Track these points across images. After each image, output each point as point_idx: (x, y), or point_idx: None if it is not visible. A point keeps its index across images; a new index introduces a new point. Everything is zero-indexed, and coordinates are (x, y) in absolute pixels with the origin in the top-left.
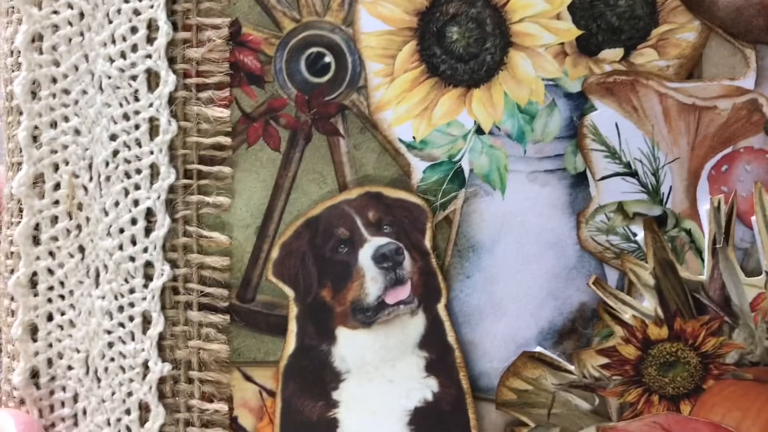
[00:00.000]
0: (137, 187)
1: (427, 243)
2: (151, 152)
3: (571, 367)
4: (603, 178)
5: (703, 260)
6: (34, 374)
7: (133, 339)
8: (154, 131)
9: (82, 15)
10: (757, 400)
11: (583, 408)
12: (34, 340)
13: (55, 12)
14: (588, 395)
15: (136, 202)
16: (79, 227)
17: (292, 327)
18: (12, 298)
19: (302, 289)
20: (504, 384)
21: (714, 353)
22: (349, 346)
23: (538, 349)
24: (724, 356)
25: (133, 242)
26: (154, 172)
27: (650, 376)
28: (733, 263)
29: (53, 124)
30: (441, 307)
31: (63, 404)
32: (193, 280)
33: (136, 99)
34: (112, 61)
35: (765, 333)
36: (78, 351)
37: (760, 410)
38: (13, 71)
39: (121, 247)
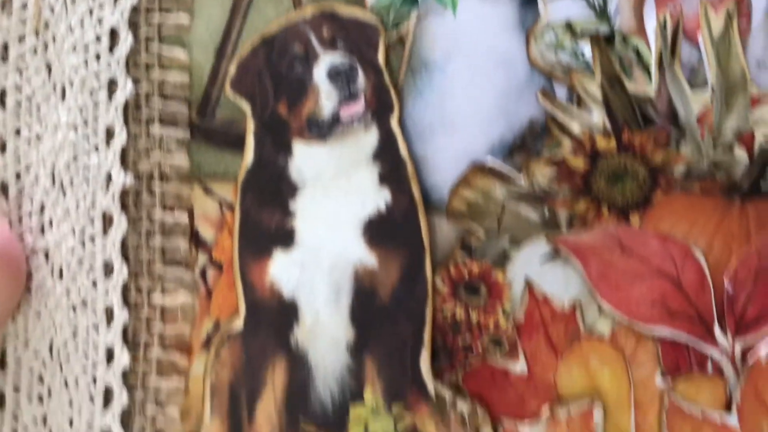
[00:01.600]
0: (101, 6)
1: (380, 60)
2: None
3: (521, 178)
4: None
5: (650, 76)
6: (4, 188)
7: (97, 151)
8: None
9: None
10: (704, 212)
11: (533, 219)
12: (3, 155)
13: None
14: (537, 206)
15: (100, 21)
16: (45, 45)
17: (250, 141)
18: None
19: (259, 105)
20: (455, 194)
21: (662, 166)
22: (306, 158)
23: (489, 159)
24: (672, 169)
25: (98, 59)
26: None
27: (599, 188)
28: (679, 78)
29: None
30: (394, 122)
31: (31, 215)
32: (155, 95)
33: None
34: None
35: (711, 147)
36: (44, 164)
37: (707, 222)
38: None
39: (86, 64)
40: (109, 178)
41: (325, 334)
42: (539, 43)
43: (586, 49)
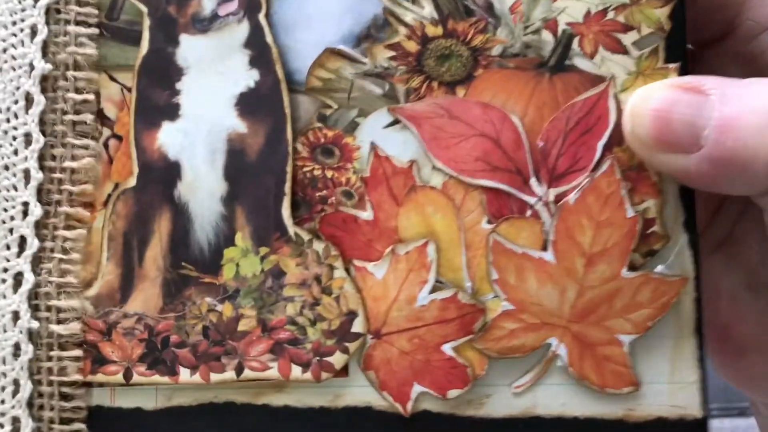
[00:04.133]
0: None
1: None
2: None
3: (366, 60)
4: None
5: None
6: None
7: (23, 45)
8: None
9: None
10: (518, 85)
11: (376, 92)
12: None
13: None
14: (380, 82)
15: None
16: None
17: (146, 36)
18: None
19: (153, 7)
20: (312, 74)
21: (482, 47)
22: (190, 48)
23: (339, 46)
24: (491, 49)
25: None
26: None
27: (430, 67)
28: None
29: None
30: (262, 17)
31: None
32: (72, 3)
33: None
34: None
35: (522, 31)
36: None
37: (521, 93)
38: None
39: None
40: (31, 66)
41: (203, 188)
42: None
43: None
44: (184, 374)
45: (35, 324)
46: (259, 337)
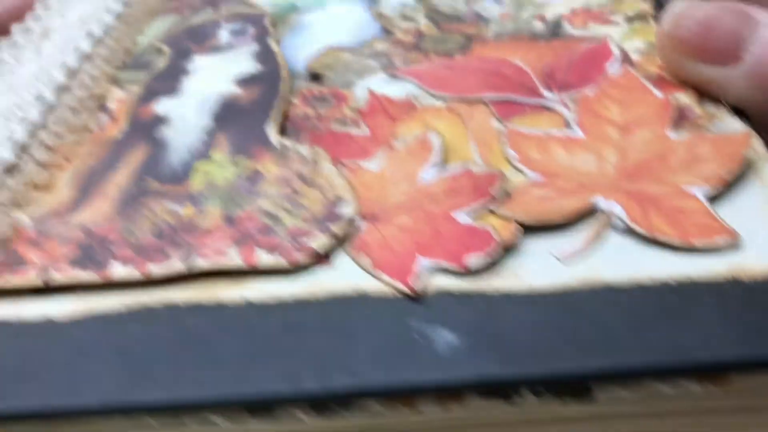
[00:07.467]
0: None
1: None
2: None
3: (364, 50)
4: None
5: None
6: None
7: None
8: None
9: None
10: (516, 46)
11: (374, 65)
12: None
13: None
14: (378, 59)
15: None
16: None
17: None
18: None
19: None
20: (311, 62)
21: (476, 34)
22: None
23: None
24: (484, 35)
25: None
26: None
27: (427, 47)
28: None
29: None
30: (270, 40)
31: None
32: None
33: None
34: None
35: (514, 22)
36: None
37: (519, 49)
38: None
39: None
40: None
41: (187, 125)
42: None
43: None
44: (116, 269)
45: None
46: (219, 228)
